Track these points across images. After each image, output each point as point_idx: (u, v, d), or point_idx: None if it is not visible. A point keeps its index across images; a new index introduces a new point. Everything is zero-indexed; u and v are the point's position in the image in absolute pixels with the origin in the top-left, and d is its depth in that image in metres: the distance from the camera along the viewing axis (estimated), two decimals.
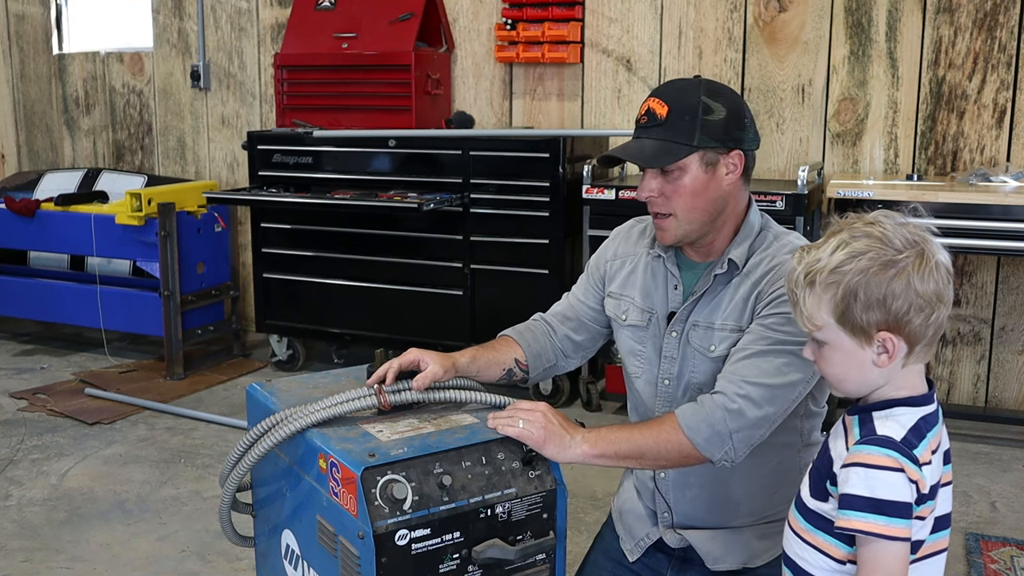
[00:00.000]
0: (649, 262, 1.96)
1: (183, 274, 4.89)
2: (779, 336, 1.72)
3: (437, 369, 1.79)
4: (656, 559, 1.98)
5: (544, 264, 4.26)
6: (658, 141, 1.80)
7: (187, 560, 3.05)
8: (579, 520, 3.15)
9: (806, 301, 1.41)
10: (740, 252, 1.84)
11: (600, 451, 1.70)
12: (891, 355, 1.38)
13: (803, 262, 1.43)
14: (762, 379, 1.70)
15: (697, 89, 1.81)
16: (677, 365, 1.87)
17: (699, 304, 1.86)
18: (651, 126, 1.81)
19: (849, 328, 1.38)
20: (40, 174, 5.66)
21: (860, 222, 1.42)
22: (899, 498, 1.32)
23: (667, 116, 1.79)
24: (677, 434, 1.71)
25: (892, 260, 1.35)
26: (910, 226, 1.40)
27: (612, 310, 2.00)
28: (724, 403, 1.70)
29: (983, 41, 4.11)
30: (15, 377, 4.92)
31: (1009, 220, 3.64)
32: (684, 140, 1.78)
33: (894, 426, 1.38)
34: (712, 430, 1.69)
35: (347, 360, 4.93)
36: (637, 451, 1.72)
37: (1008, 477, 3.70)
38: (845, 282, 1.37)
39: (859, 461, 1.35)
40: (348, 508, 1.53)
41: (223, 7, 5.47)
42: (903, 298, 1.35)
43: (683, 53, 4.56)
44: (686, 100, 1.79)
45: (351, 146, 4.59)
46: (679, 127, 1.78)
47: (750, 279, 1.82)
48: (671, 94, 1.82)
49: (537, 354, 2.03)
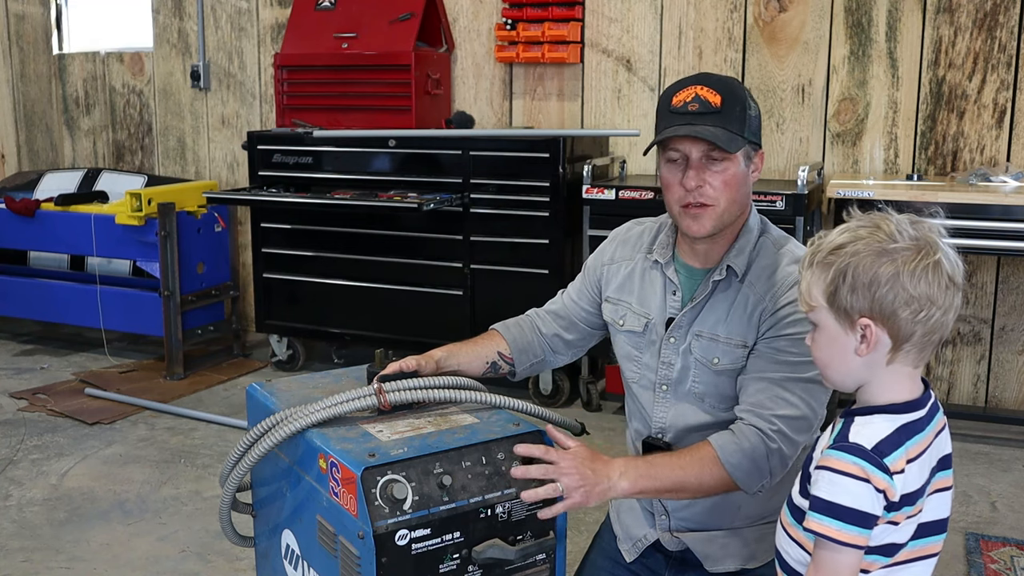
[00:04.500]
0: (647, 267, 1.95)
1: (183, 274, 4.89)
2: (792, 359, 1.74)
3: (412, 361, 1.83)
4: (654, 559, 1.97)
5: (544, 264, 4.26)
6: (719, 128, 1.75)
7: (187, 560, 3.05)
8: (579, 520, 3.15)
9: (804, 279, 1.43)
10: (740, 260, 1.83)
11: (640, 488, 1.70)
12: (870, 345, 1.37)
13: (813, 243, 1.44)
14: (790, 412, 1.73)
15: (739, 83, 1.83)
16: (676, 372, 1.87)
17: (700, 313, 1.85)
18: (706, 113, 1.76)
19: (835, 310, 1.38)
20: (40, 174, 5.66)
21: (877, 214, 1.41)
22: (859, 507, 1.33)
23: (722, 104, 1.76)
24: (718, 468, 1.72)
25: (887, 249, 1.35)
26: (925, 226, 1.39)
27: (609, 315, 1.99)
28: (764, 440, 1.72)
29: (983, 41, 4.11)
30: (15, 377, 4.92)
31: (1009, 220, 3.64)
32: (738, 131, 1.77)
33: (868, 434, 1.37)
34: (754, 466, 1.72)
35: (347, 360, 4.93)
36: (678, 484, 1.73)
37: (1008, 477, 3.70)
38: (838, 263, 1.37)
39: (827, 465, 1.36)
40: (348, 508, 1.53)
41: (223, 7, 5.47)
42: (889, 287, 1.34)
43: (683, 53, 4.56)
44: (735, 92, 1.78)
45: (351, 146, 4.59)
46: (733, 117, 1.76)
47: (752, 291, 1.81)
48: (719, 84, 1.79)
49: (523, 349, 2.04)
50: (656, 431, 1.91)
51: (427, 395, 1.75)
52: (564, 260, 4.26)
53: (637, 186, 4.09)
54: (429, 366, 1.86)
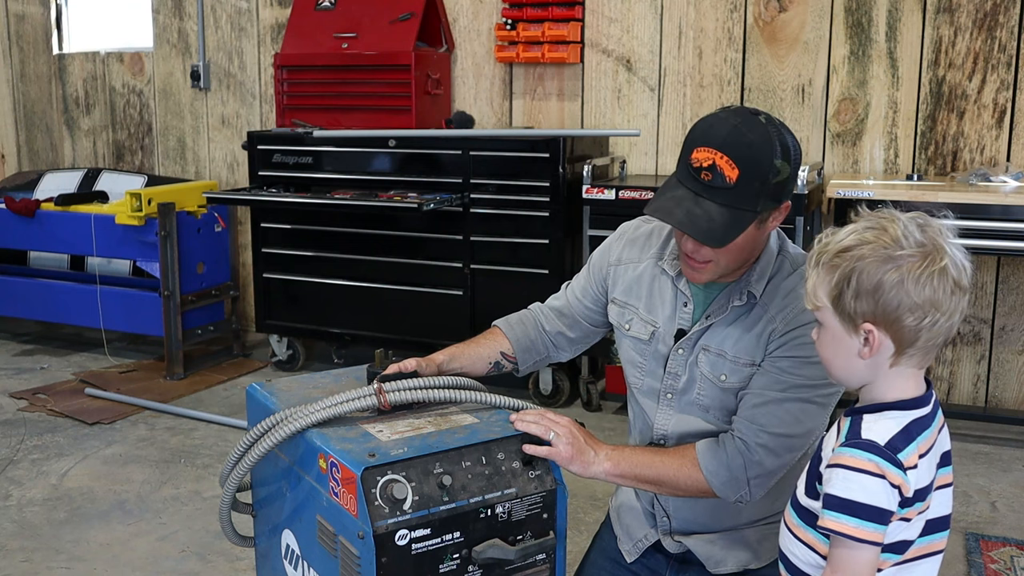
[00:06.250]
0: (656, 274, 1.91)
1: (183, 274, 4.89)
2: (794, 381, 1.72)
3: (412, 361, 1.83)
4: (655, 560, 1.97)
5: (544, 264, 4.26)
6: (723, 208, 1.65)
7: (187, 560, 3.05)
8: (579, 520, 3.15)
9: (810, 279, 1.42)
10: (760, 285, 1.79)
11: (621, 471, 1.74)
12: (872, 349, 1.37)
13: (820, 242, 1.44)
14: (780, 428, 1.72)
15: (771, 149, 1.65)
16: (682, 382, 1.85)
17: (711, 328, 1.82)
18: (717, 188, 1.65)
19: (840, 313, 1.38)
20: (40, 174, 5.66)
21: (885, 215, 1.40)
22: (875, 503, 1.33)
23: (737, 181, 1.64)
24: (696, 471, 1.75)
25: (892, 255, 1.34)
26: (933, 229, 1.37)
27: (616, 318, 1.97)
28: (744, 451, 1.72)
29: (983, 41, 4.11)
30: (15, 377, 4.92)
31: (1009, 220, 3.64)
32: (749, 206, 1.66)
33: (880, 430, 1.37)
34: (730, 475, 1.73)
35: (347, 360, 4.93)
36: (656, 478, 1.76)
37: (1008, 477, 3.70)
38: (843, 267, 1.37)
39: (841, 463, 1.35)
40: (348, 508, 1.53)
41: (223, 7, 5.47)
42: (893, 294, 1.34)
43: (683, 53, 4.56)
44: (759, 164, 1.65)
45: (351, 146, 4.59)
46: (747, 192, 1.65)
47: (765, 311, 1.78)
48: (742, 153, 1.65)
49: (526, 348, 2.04)
50: (657, 438, 1.90)
51: (427, 395, 1.75)
52: (564, 260, 4.26)
53: (637, 186, 4.09)
54: (430, 369, 1.86)
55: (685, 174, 1.70)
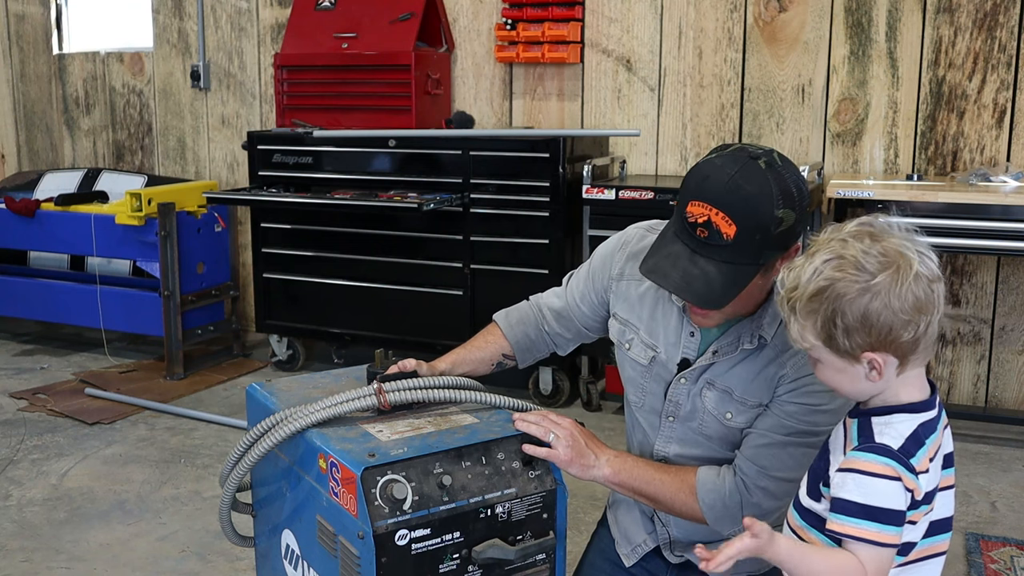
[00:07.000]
0: (660, 297, 1.84)
1: (183, 274, 4.89)
2: (800, 427, 1.70)
3: (412, 362, 1.83)
4: (654, 563, 1.96)
5: (544, 264, 4.26)
6: (722, 264, 1.59)
7: (187, 560, 3.05)
8: (579, 520, 3.15)
9: (792, 325, 1.43)
10: (772, 328, 1.73)
11: (620, 480, 1.75)
12: (880, 372, 1.38)
13: (784, 286, 1.43)
14: (782, 473, 1.71)
15: (770, 201, 1.57)
16: (684, 411, 1.82)
17: (717, 363, 1.77)
18: (713, 245, 1.59)
19: (835, 350, 1.39)
20: (40, 174, 5.66)
21: (836, 241, 1.39)
22: (893, 506, 1.34)
23: (735, 237, 1.57)
24: (692, 500, 1.75)
25: (866, 287, 1.34)
26: (887, 240, 1.37)
27: (616, 335, 1.92)
28: (743, 490, 1.72)
29: (983, 41, 4.11)
30: (15, 377, 4.92)
31: (1009, 220, 3.63)
32: (750, 260, 1.60)
33: (893, 434, 1.38)
34: (726, 511, 1.73)
35: (347, 360, 4.93)
36: (654, 495, 1.77)
37: (1008, 477, 3.70)
38: (823, 310, 1.37)
39: (856, 467, 1.36)
40: (348, 508, 1.53)
41: (223, 7, 5.47)
42: (883, 319, 1.34)
43: (683, 53, 4.56)
44: (758, 217, 1.57)
45: (351, 146, 4.59)
46: (746, 247, 1.58)
47: (776, 355, 1.73)
48: (739, 209, 1.56)
49: (526, 348, 2.03)
50: (658, 459, 1.87)
51: (427, 395, 1.75)
52: (564, 260, 4.26)
53: (637, 186, 4.09)
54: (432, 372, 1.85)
55: (681, 228, 1.64)
